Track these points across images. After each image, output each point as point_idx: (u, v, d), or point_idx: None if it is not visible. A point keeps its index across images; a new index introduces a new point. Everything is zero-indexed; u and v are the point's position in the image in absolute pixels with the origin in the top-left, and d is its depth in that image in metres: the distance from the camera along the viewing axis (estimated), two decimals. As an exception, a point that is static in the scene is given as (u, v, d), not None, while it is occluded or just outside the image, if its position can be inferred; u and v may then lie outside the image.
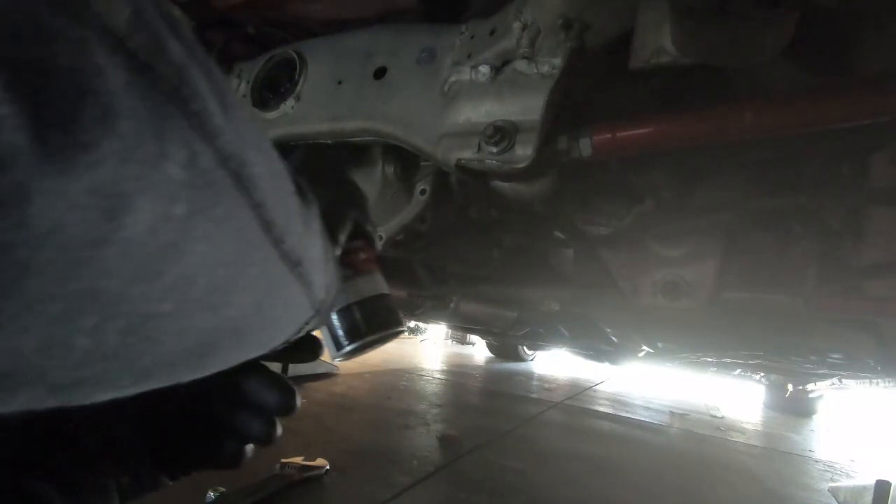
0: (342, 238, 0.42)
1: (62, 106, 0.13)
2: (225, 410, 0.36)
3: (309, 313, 0.31)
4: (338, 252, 0.41)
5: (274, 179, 0.22)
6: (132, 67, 0.15)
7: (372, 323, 0.47)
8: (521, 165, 0.69)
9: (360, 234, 0.45)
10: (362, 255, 0.46)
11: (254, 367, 0.36)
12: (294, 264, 0.26)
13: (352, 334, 0.46)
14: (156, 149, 0.15)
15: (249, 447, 0.37)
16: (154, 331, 0.18)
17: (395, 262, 1.30)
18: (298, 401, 0.37)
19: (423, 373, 3.04)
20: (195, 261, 0.18)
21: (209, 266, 0.19)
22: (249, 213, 0.20)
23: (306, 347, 0.38)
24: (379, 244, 0.50)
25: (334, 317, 0.46)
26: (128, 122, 0.14)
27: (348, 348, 0.46)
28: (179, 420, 0.36)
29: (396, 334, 0.50)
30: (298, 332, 0.32)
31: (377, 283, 0.48)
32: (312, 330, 0.36)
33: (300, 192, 0.27)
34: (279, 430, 0.37)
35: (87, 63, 0.14)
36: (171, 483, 0.36)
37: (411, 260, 1.37)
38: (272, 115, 0.89)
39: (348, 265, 0.45)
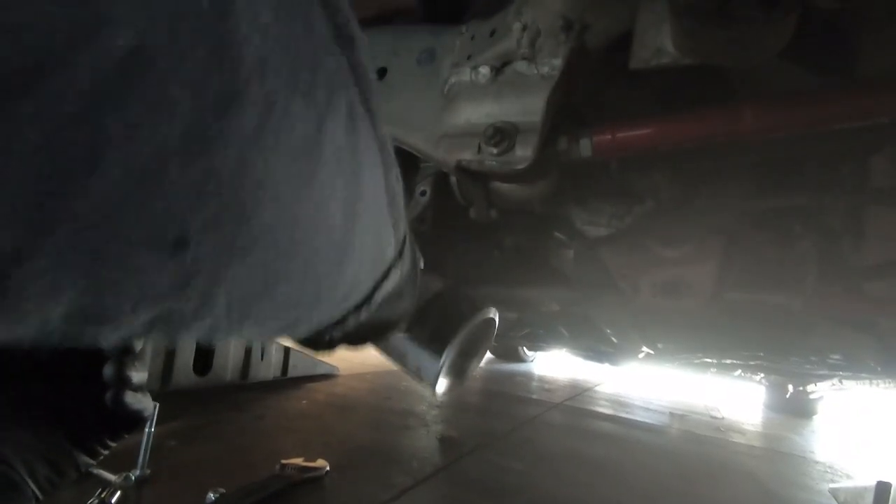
0: None
1: None
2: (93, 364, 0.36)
3: (392, 254, 0.29)
4: None
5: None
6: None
7: (451, 318, 0.38)
8: (521, 166, 0.70)
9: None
10: None
11: None
12: (391, 196, 0.26)
13: (437, 340, 0.37)
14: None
15: (134, 396, 0.36)
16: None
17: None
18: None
19: (423, 373, 3.03)
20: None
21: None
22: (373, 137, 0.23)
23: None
24: None
25: (407, 340, 0.38)
26: None
27: (444, 360, 0.37)
28: (68, 389, 0.35)
29: (488, 323, 0.41)
30: (378, 283, 0.29)
31: (430, 284, 0.40)
32: (390, 295, 0.31)
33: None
34: (143, 370, 0.36)
35: None
36: (93, 462, 0.35)
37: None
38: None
39: None
